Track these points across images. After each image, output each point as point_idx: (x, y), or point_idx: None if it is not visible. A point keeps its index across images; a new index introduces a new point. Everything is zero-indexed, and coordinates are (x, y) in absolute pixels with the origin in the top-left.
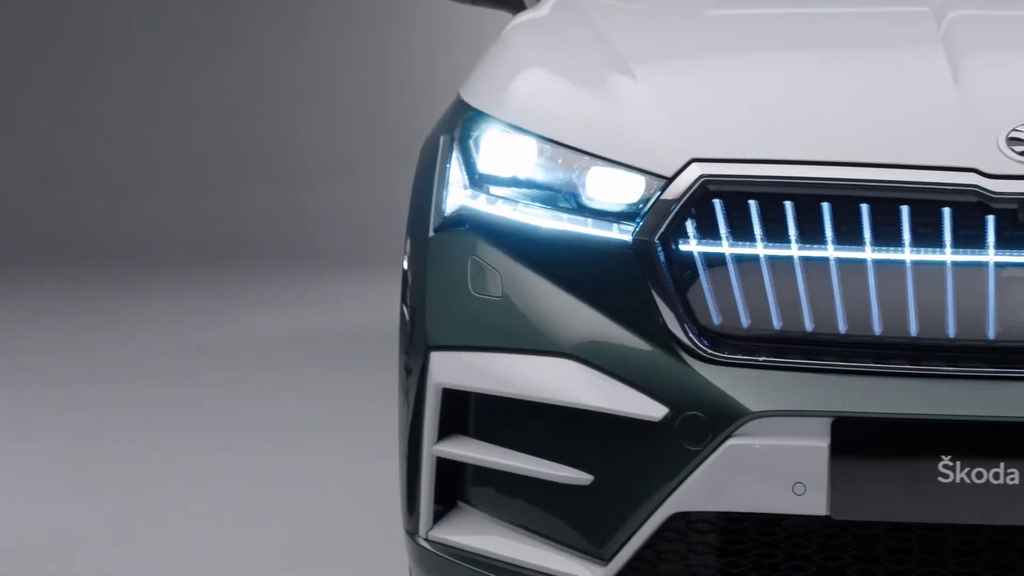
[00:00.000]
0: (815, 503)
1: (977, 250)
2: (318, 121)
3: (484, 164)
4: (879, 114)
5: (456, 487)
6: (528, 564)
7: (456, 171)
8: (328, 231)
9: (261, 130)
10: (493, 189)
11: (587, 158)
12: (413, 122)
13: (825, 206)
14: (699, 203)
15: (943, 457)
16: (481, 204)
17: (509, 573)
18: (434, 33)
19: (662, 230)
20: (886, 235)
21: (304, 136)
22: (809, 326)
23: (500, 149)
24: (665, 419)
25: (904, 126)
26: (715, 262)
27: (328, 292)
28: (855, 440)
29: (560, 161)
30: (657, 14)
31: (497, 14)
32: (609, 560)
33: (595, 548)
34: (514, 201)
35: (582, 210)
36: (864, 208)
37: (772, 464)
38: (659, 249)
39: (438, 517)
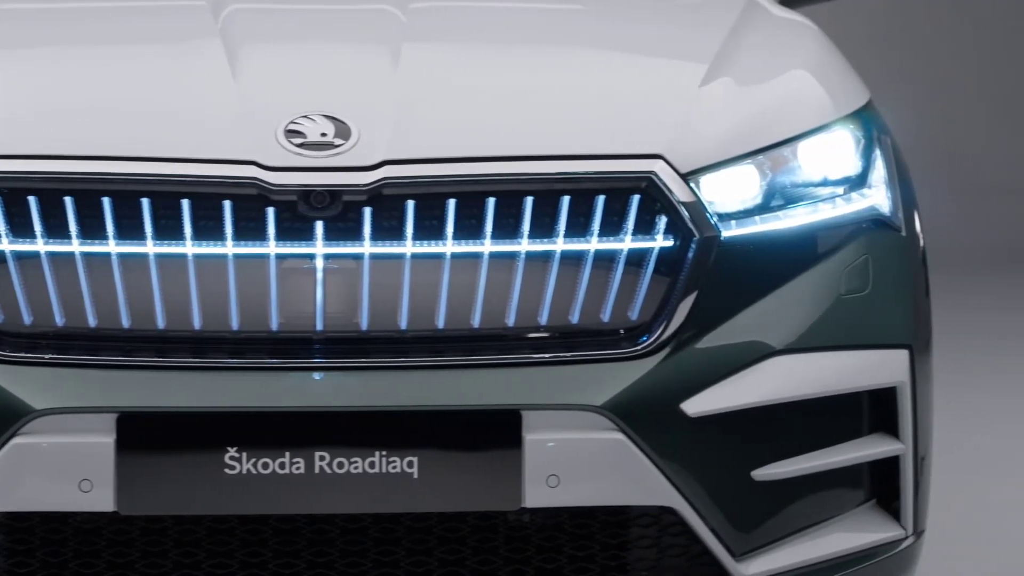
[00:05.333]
0: (102, 499)
1: (259, 242)
2: None
3: None
4: (159, 108)
5: None
6: None
7: None
8: None
9: None
10: None
11: None
12: None
13: (106, 201)
14: None
15: (229, 449)
16: None
17: None
18: None
19: None
20: (169, 229)
21: None
22: (92, 322)
23: None
24: None
25: (183, 120)
26: None
27: None
28: (141, 435)
29: None
30: None
31: None
32: None
33: None
34: None
35: None
36: (145, 203)
37: (58, 462)
38: None
39: None
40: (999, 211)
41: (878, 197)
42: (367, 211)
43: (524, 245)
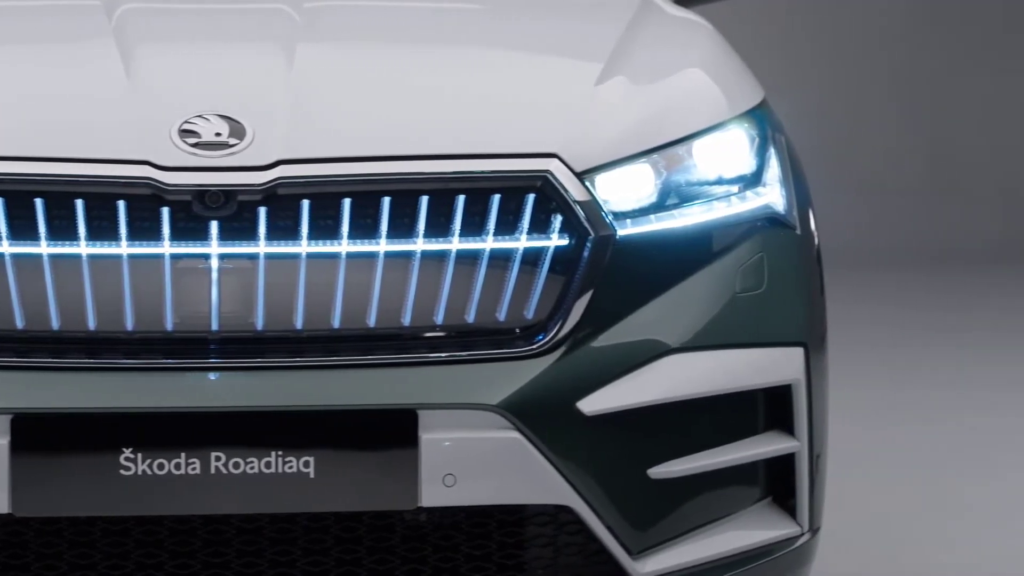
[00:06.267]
0: None
1: (154, 242)
2: None
3: None
4: (52, 109)
5: None
6: None
7: None
8: None
9: None
10: None
11: None
12: None
13: None
14: None
15: (124, 450)
16: None
17: None
18: None
19: None
20: (63, 230)
21: None
22: None
23: None
24: None
25: (77, 120)
26: None
27: None
28: (36, 437)
29: None
30: None
31: None
32: None
33: None
34: None
35: None
36: (39, 203)
37: None
38: None
39: None
40: (894, 209)
41: (773, 195)
42: (262, 211)
43: (420, 244)
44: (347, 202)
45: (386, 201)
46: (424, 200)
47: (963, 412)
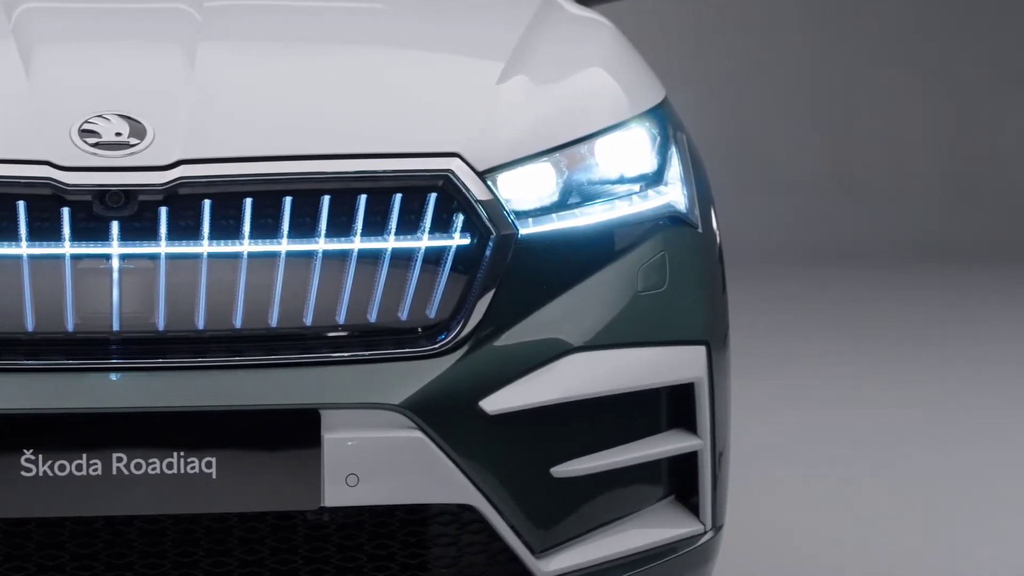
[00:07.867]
0: None
1: (54, 242)
2: None
3: None
4: None
5: None
6: None
7: None
8: None
9: None
10: None
11: None
12: None
13: None
14: None
15: (25, 451)
16: None
17: None
18: None
19: None
20: None
21: None
22: None
23: None
24: None
25: None
26: None
27: None
28: None
29: None
30: None
31: None
32: None
33: None
34: None
35: None
36: None
37: None
38: None
39: None
40: (796, 207)
41: (674, 194)
42: (163, 211)
43: (322, 244)
44: (248, 202)
45: (288, 201)
46: (326, 200)
47: (862, 406)
